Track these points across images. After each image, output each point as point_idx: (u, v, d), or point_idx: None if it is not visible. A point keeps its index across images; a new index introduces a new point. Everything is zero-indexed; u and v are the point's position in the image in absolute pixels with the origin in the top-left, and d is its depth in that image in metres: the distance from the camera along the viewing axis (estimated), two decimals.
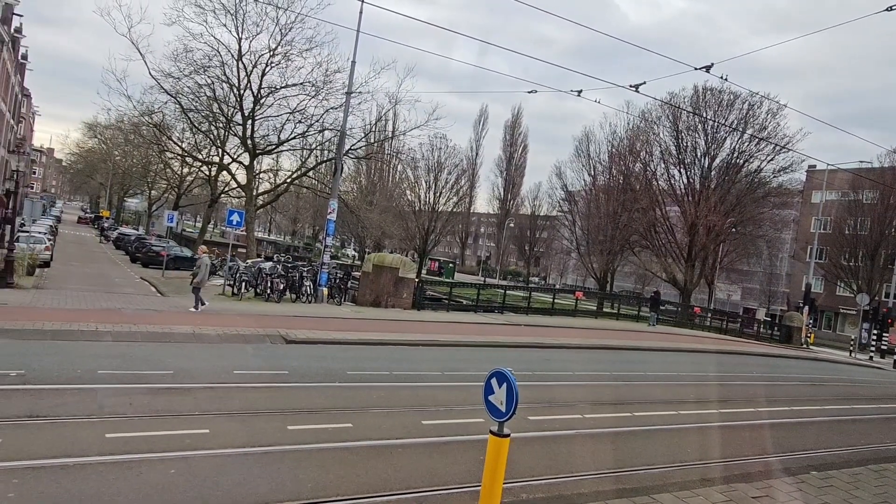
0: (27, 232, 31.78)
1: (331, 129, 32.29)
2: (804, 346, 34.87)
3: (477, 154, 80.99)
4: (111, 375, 9.13)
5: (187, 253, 37.89)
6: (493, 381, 4.77)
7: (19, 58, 53.59)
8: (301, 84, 30.83)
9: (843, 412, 13.87)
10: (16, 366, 8.93)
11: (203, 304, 17.15)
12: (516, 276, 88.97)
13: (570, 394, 11.87)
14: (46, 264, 27.02)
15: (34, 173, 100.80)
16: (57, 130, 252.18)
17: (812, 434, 11.17)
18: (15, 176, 20.53)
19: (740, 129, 42.68)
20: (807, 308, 37.88)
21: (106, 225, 64.20)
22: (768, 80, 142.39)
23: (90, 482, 5.53)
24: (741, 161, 44.55)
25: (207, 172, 40.28)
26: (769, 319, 43.68)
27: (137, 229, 63.11)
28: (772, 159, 44.03)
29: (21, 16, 48.26)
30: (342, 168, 27.94)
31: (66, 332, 11.81)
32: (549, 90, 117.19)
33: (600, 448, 8.48)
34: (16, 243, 20.48)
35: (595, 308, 38.66)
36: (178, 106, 31.57)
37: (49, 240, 31.69)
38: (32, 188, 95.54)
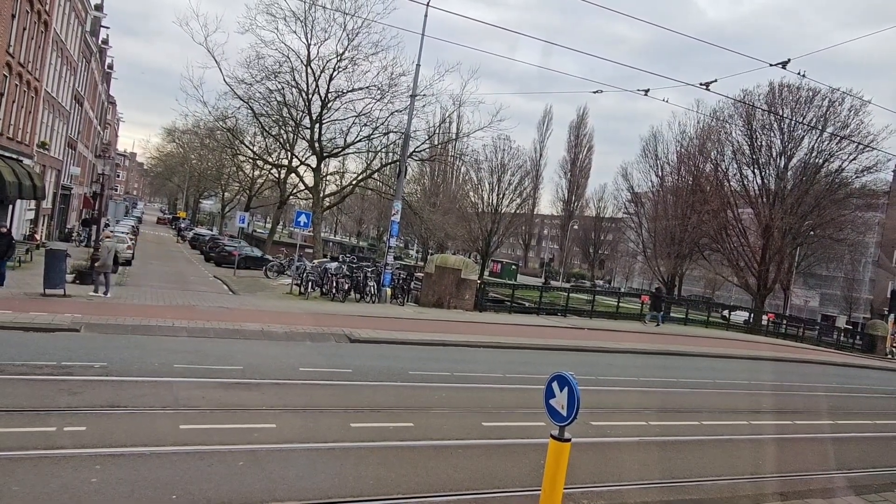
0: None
1: (395, 132, 32.84)
2: (889, 356, 32.88)
3: (541, 155, 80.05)
4: (186, 369, 9.53)
5: (258, 253, 39.19)
6: (555, 385, 4.71)
7: (105, 67, 56.85)
8: (367, 88, 31.52)
9: None
10: (99, 358, 9.46)
11: (105, 292, 16.08)
12: (580, 278, 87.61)
13: (634, 399, 11.59)
14: (128, 262, 28.49)
15: (118, 176, 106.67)
16: (139, 135, 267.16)
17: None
18: (101, 179, 21.76)
19: (819, 127, 40.58)
20: (892, 316, 35.72)
21: (182, 225, 67.34)
22: (854, 76, 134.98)
23: (165, 470, 5.81)
24: (820, 160, 42.34)
25: (277, 175, 41.66)
26: (850, 328, 41.36)
27: (211, 230, 65.84)
28: (854, 158, 41.60)
29: (108, 28, 51.27)
30: (406, 170, 28.28)
31: (145, 326, 12.42)
32: (616, 90, 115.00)
33: (666, 457, 8.24)
34: (101, 242, 21.68)
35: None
36: (250, 111, 32.83)
37: (131, 239, 33.47)
38: (116, 190, 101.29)
